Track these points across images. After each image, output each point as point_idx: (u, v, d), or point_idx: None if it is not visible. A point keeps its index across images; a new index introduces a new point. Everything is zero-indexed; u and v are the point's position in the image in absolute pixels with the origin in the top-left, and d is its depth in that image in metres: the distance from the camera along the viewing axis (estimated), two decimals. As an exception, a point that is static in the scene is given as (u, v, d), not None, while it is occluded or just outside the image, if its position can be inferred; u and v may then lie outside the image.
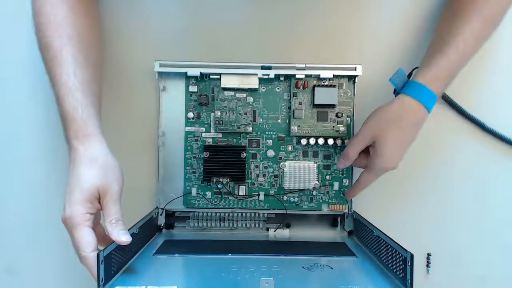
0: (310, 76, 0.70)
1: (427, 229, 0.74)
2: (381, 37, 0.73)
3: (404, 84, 0.64)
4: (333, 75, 0.70)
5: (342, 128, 0.71)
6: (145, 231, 0.65)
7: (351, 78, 0.71)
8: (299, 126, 0.71)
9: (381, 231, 0.59)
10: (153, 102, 0.72)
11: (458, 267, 0.74)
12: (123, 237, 0.55)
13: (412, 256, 0.51)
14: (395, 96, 0.65)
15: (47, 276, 0.75)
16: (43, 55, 0.62)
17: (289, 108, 0.71)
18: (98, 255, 0.51)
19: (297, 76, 0.70)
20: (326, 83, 0.71)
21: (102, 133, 0.61)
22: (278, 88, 0.71)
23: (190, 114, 0.71)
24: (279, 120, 0.72)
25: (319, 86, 0.71)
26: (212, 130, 0.72)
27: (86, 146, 0.59)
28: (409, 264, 0.51)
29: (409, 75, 0.67)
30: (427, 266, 0.74)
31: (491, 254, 0.74)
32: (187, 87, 0.71)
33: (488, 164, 0.74)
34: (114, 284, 0.53)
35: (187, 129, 0.72)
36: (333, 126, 0.71)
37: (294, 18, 0.73)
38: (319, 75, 0.70)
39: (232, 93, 0.71)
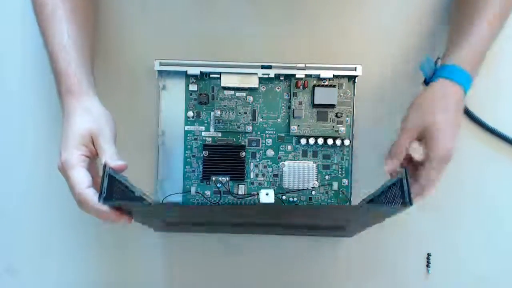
0: (310, 76, 0.70)
1: (427, 229, 0.74)
2: (381, 37, 0.73)
3: (433, 72, 0.63)
4: (333, 75, 0.70)
5: (342, 128, 0.71)
6: None
7: (351, 78, 0.71)
8: (298, 126, 0.71)
9: None
10: (153, 101, 0.72)
11: (458, 267, 0.74)
12: (119, 162, 0.57)
13: (406, 170, 0.53)
14: (426, 85, 0.63)
15: (47, 276, 0.75)
16: (37, 16, 0.64)
17: (289, 107, 0.71)
18: (104, 166, 0.55)
19: (297, 76, 0.70)
20: (326, 83, 0.71)
21: (95, 91, 0.62)
22: (278, 88, 0.72)
23: (190, 113, 0.71)
24: (278, 120, 0.72)
25: (319, 86, 0.71)
26: (212, 129, 0.72)
27: (79, 100, 0.60)
28: (405, 180, 0.52)
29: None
30: (427, 266, 0.74)
31: (491, 254, 0.74)
32: (187, 86, 0.71)
33: (489, 164, 0.74)
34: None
35: (186, 128, 0.72)
36: (333, 126, 0.71)
37: (295, 17, 0.73)
38: (319, 75, 0.70)
39: (232, 92, 0.71)
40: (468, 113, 0.73)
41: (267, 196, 0.51)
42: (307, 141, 0.71)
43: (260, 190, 0.51)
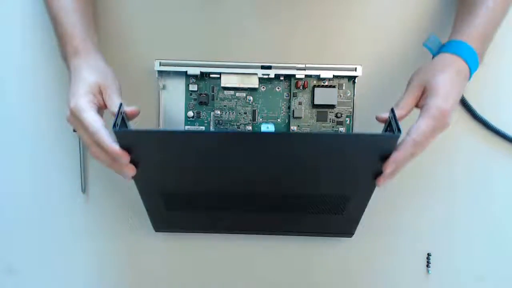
0: (310, 76, 0.70)
1: (427, 229, 0.74)
2: (381, 37, 0.73)
3: (438, 49, 0.64)
4: (333, 75, 0.70)
5: (341, 129, 0.71)
6: None
7: (351, 79, 0.71)
8: (298, 126, 0.71)
9: None
10: (153, 101, 0.72)
11: (458, 267, 0.74)
12: (132, 107, 0.61)
13: (392, 108, 0.57)
14: None
15: (47, 276, 0.76)
16: None
17: (289, 108, 0.71)
18: (120, 105, 0.58)
19: (297, 76, 0.70)
20: (326, 83, 0.71)
21: (100, 50, 0.65)
22: (278, 88, 0.71)
23: (190, 113, 0.71)
24: (278, 120, 0.72)
25: (319, 86, 0.71)
26: (212, 129, 0.72)
27: (86, 59, 0.63)
28: (392, 114, 0.57)
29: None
30: (427, 266, 0.74)
31: (491, 254, 0.74)
32: (187, 86, 0.71)
33: (489, 164, 0.74)
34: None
35: (186, 127, 0.72)
36: (333, 127, 0.71)
37: (295, 18, 0.73)
38: (319, 75, 0.70)
39: (232, 92, 0.71)
40: (470, 110, 0.73)
41: (267, 128, 0.53)
42: (307, 141, 0.71)
43: (262, 124, 0.53)
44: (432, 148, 0.72)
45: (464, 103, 0.73)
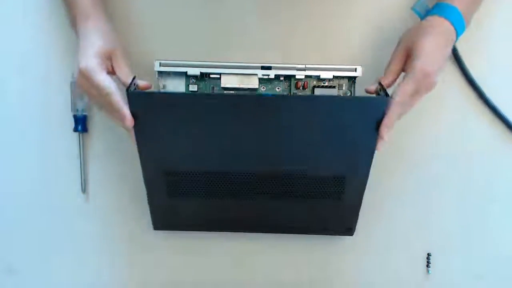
0: (310, 76, 0.70)
1: (427, 229, 0.74)
2: (381, 37, 0.73)
3: (427, 13, 0.65)
4: (333, 76, 0.69)
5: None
6: None
7: (351, 79, 0.71)
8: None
9: None
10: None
11: (458, 267, 0.74)
12: (144, 81, 0.64)
13: (379, 81, 0.61)
14: None
15: (47, 276, 0.76)
16: None
17: (289, 108, 0.71)
18: (133, 78, 0.62)
19: (297, 77, 0.70)
20: (326, 83, 0.71)
21: (107, 15, 0.67)
22: (278, 88, 0.71)
23: (190, 113, 0.71)
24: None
25: (319, 86, 0.71)
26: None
27: (95, 22, 0.65)
28: (380, 85, 0.61)
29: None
30: (427, 266, 0.74)
31: (491, 254, 0.74)
32: (187, 86, 0.71)
33: (489, 163, 0.74)
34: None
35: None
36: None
37: (295, 17, 0.73)
38: (319, 75, 0.69)
39: (232, 92, 0.71)
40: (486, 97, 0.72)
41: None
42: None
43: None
44: (431, 149, 0.73)
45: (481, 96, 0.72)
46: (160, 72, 0.70)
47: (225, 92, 0.69)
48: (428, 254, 0.74)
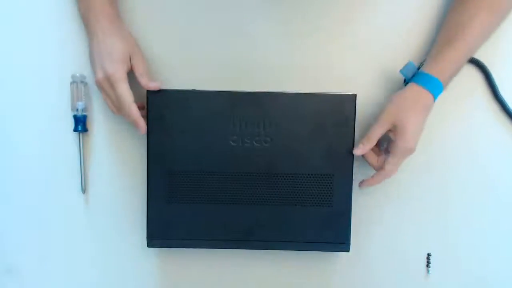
0: None
1: (427, 229, 0.74)
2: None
3: (413, 75, 0.68)
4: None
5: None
6: None
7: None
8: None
9: None
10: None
11: (458, 267, 0.74)
12: (151, 84, 0.67)
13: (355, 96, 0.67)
14: (405, 85, 0.69)
15: (47, 276, 0.76)
16: None
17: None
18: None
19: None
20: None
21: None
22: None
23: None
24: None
25: None
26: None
27: (112, 22, 0.67)
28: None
29: (419, 67, 0.69)
30: (427, 266, 0.74)
31: (491, 254, 0.74)
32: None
33: (489, 164, 0.74)
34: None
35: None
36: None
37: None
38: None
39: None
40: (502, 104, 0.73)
41: None
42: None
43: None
44: (431, 150, 0.73)
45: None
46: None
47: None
48: (428, 254, 0.74)
